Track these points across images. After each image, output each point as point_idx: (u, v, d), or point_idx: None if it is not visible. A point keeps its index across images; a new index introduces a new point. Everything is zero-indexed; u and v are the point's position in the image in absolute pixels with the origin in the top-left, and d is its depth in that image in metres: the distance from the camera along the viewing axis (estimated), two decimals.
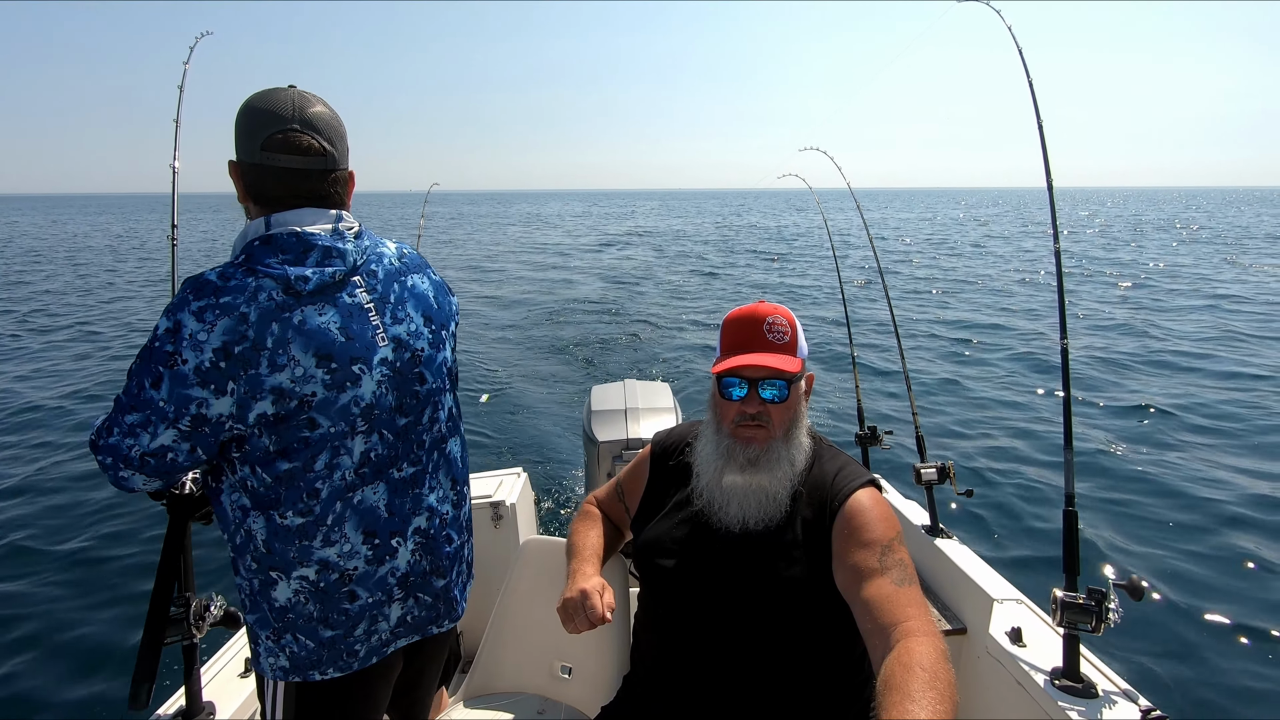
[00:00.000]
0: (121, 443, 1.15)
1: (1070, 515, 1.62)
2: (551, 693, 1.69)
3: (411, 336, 1.31)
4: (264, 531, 1.21)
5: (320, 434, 1.19)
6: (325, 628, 1.25)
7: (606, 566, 1.52)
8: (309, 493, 1.20)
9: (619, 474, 1.60)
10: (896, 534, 1.19)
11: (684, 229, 40.78)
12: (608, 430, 2.90)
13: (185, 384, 1.11)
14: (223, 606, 1.59)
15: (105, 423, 1.18)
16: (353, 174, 1.31)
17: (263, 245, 1.18)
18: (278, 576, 1.23)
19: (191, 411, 1.12)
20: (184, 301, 1.12)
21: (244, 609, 1.29)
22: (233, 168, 1.25)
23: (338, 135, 1.26)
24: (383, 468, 1.28)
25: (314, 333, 1.17)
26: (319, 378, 1.17)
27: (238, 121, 1.22)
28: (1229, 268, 19.09)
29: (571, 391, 7.97)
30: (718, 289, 16.56)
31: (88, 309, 13.95)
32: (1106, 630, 1.52)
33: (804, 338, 1.35)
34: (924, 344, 10.19)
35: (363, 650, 1.30)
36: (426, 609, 1.37)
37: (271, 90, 1.23)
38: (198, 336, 1.10)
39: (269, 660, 1.27)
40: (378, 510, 1.27)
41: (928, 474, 2.24)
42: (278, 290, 1.15)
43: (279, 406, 1.15)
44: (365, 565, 1.26)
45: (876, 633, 1.07)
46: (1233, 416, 6.64)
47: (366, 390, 1.23)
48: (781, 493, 1.27)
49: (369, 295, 1.26)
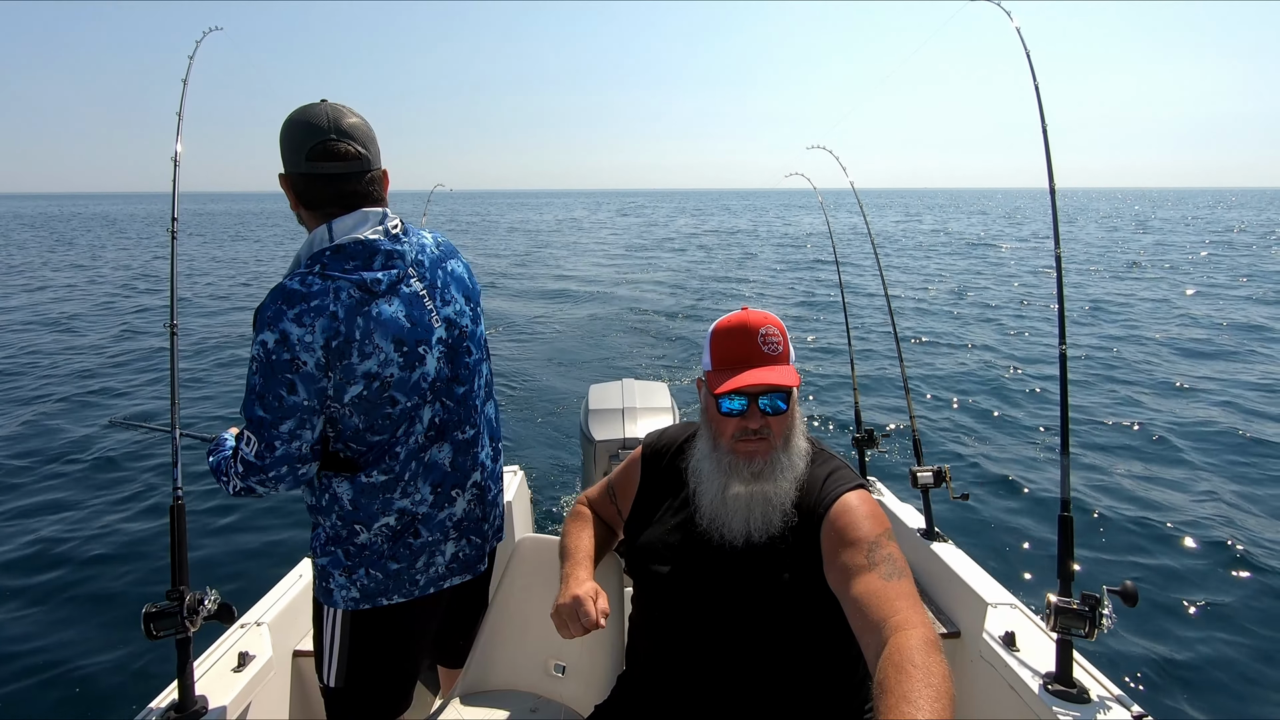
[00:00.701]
0: (289, 448, 1.34)
1: (1065, 520, 1.62)
2: (545, 691, 1.69)
3: (458, 315, 1.51)
4: (350, 491, 1.42)
5: (400, 409, 1.41)
6: (393, 562, 1.47)
7: (600, 566, 1.52)
8: (389, 455, 1.42)
9: (610, 474, 1.60)
10: (885, 530, 1.19)
11: (690, 230, 40.77)
12: (605, 429, 2.90)
13: (315, 381, 1.31)
14: (216, 600, 1.58)
15: (257, 447, 1.33)
16: (386, 172, 1.47)
17: (334, 255, 1.35)
18: (360, 529, 1.44)
19: (325, 397, 1.34)
20: (280, 314, 1.28)
21: (317, 555, 1.48)
22: (283, 180, 1.42)
23: (370, 139, 1.42)
24: (446, 430, 1.50)
25: (388, 322, 1.36)
26: (395, 360, 1.37)
27: (282, 138, 1.38)
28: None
29: (569, 390, 7.97)
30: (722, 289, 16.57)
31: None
32: (1100, 635, 1.52)
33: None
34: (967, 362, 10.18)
35: (422, 580, 1.52)
36: (475, 549, 1.61)
37: (308, 106, 1.39)
38: (305, 339, 1.28)
39: (342, 593, 1.47)
40: (444, 466, 1.50)
41: (924, 477, 2.24)
42: (353, 289, 1.33)
43: (367, 388, 1.35)
44: (428, 509, 1.49)
45: (868, 630, 1.06)
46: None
47: (430, 366, 1.44)
48: (784, 500, 1.26)
49: (421, 284, 1.45)
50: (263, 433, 1.32)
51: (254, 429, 1.33)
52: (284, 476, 1.36)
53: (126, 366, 8.99)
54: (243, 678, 1.70)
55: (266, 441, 1.33)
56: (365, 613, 1.49)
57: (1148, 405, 7.25)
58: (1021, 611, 1.90)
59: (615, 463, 2.82)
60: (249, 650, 1.78)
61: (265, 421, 1.32)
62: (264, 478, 1.35)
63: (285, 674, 1.99)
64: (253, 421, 1.33)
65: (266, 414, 1.31)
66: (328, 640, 1.52)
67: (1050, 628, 1.58)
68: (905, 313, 12.98)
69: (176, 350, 1.74)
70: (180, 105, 1.84)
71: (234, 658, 1.75)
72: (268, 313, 1.30)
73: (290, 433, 1.32)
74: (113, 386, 8.00)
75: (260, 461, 1.34)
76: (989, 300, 14.52)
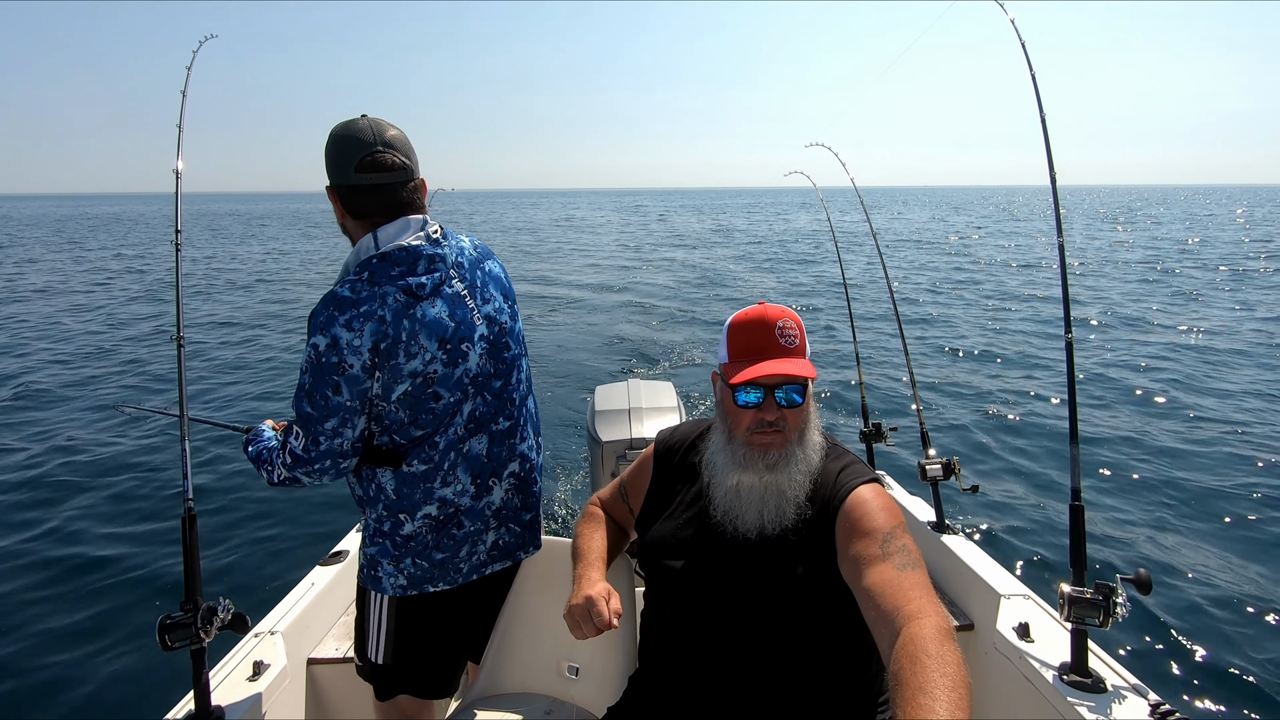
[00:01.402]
0: (333, 444, 1.43)
1: (1077, 510, 1.61)
2: (559, 693, 1.69)
3: (497, 313, 1.59)
4: (392, 481, 1.50)
5: (443, 404, 1.48)
6: (438, 551, 1.54)
7: (612, 567, 1.52)
8: (429, 445, 1.49)
9: (622, 474, 1.60)
10: (899, 523, 1.18)
11: (690, 228, 40.72)
12: (612, 430, 2.90)
13: (359, 383, 1.39)
14: (230, 610, 1.59)
15: (304, 441, 1.43)
16: (424, 180, 1.55)
17: (380, 262, 1.42)
18: (405, 519, 1.51)
19: (368, 398, 1.41)
20: (332, 319, 1.37)
21: (366, 545, 1.57)
22: (330, 192, 1.50)
23: (410, 150, 1.50)
24: (484, 422, 1.57)
25: (433, 324, 1.44)
26: (439, 358, 1.45)
27: (328, 152, 1.46)
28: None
29: (575, 392, 7.97)
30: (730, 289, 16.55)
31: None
32: (1114, 625, 1.51)
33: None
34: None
35: (465, 568, 1.59)
36: (516, 537, 1.66)
37: (351, 121, 1.46)
38: (353, 343, 1.36)
39: (390, 581, 1.55)
40: (481, 457, 1.56)
41: (933, 470, 2.24)
42: (399, 294, 1.41)
43: (413, 385, 1.43)
44: (470, 501, 1.56)
45: (881, 620, 1.05)
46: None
47: (473, 363, 1.51)
48: (799, 493, 1.26)
49: (462, 284, 1.53)
50: (310, 428, 1.42)
51: (302, 424, 1.43)
52: (328, 469, 1.46)
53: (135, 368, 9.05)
54: (258, 686, 1.71)
55: (312, 436, 1.42)
56: (411, 599, 1.57)
57: (1161, 393, 7.21)
58: (1035, 602, 1.89)
59: (623, 463, 2.82)
60: (264, 659, 1.78)
61: (312, 418, 1.41)
62: (310, 469, 1.46)
63: (300, 682, 2.00)
64: (301, 417, 1.43)
65: (314, 411, 1.40)
66: (373, 623, 1.61)
67: (1064, 618, 1.57)
68: (905, 310, 12.94)
69: (184, 361, 1.75)
70: (180, 117, 1.84)
71: (249, 667, 1.76)
72: (320, 318, 1.38)
73: (334, 430, 1.42)
74: (132, 384, 8.06)
75: (306, 455, 1.44)
76: (991, 292, 14.47)
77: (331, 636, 2.18)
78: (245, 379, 8.89)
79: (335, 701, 2.10)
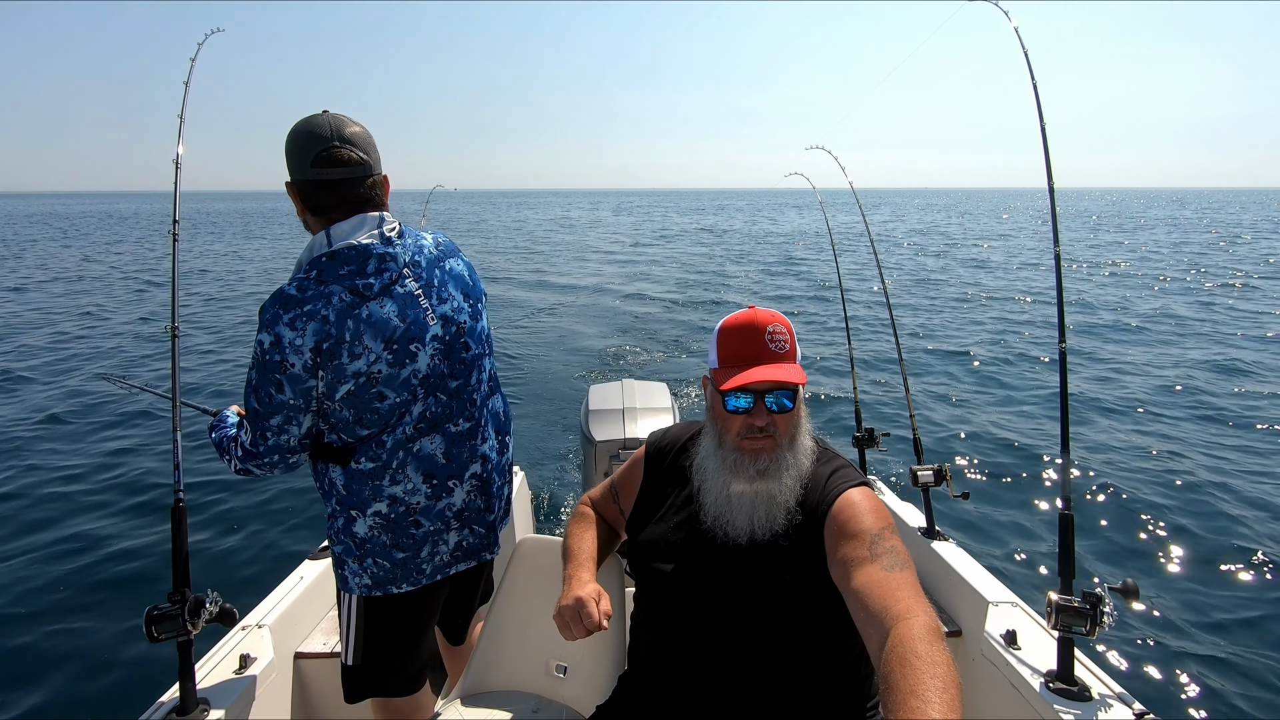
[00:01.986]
0: (279, 440, 1.45)
1: (1066, 519, 1.62)
2: (547, 691, 1.69)
3: (455, 312, 1.57)
4: (342, 477, 1.52)
5: (388, 404, 1.48)
6: (397, 551, 1.56)
7: (603, 567, 1.52)
8: (376, 444, 1.50)
9: (613, 474, 1.60)
10: (887, 524, 1.18)
11: (687, 228, 40.76)
12: (605, 430, 2.90)
13: (301, 381, 1.40)
14: (218, 602, 1.59)
15: (251, 437, 1.45)
16: (387, 177, 1.54)
17: (330, 260, 1.42)
18: (356, 515, 1.53)
19: (312, 397, 1.42)
20: (276, 317, 1.37)
21: (333, 543, 1.59)
22: (289, 188, 1.50)
23: (370, 146, 1.49)
24: (438, 423, 1.56)
25: (379, 323, 1.43)
26: (384, 359, 1.44)
27: (288, 147, 1.46)
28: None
29: (569, 391, 7.97)
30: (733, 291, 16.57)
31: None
32: (1101, 633, 1.53)
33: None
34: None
35: (428, 569, 1.60)
36: (479, 538, 1.68)
37: (311, 116, 1.46)
38: (295, 342, 1.37)
39: (355, 580, 1.57)
40: (435, 458, 1.56)
41: (924, 476, 2.24)
42: (345, 293, 1.40)
43: (357, 385, 1.43)
44: (425, 500, 1.56)
45: (869, 620, 1.04)
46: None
47: (422, 364, 1.50)
48: (789, 498, 1.26)
49: (416, 284, 1.51)
50: (256, 423, 1.44)
51: (250, 419, 1.45)
52: (276, 464, 1.49)
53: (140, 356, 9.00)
54: (244, 680, 1.70)
55: (260, 431, 1.45)
56: (377, 599, 1.59)
57: (1149, 401, 7.25)
58: (1023, 610, 1.90)
59: (616, 463, 2.82)
60: (250, 652, 1.78)
61: (259, 413, 1.43)
62: (259, 463, 1.48)
63: (287, 676, 1.99)
64: (249, 411, 1.45)
65: (259, 407, 1.42)
66: (344, 622, 1.64)
67: (1051, 626, 1.58)
68: (900, 310, 12.98)
69: (178, 352, 1.74)
70: (182, 108, 1.84)
71: (235, 660, 1.75)
72: (266, 315, 1.39)
73: (279, 426, 1.44)
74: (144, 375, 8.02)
75: (255, 449, 1.47)
76: (986, 298, 14.52)
77: (319, 631, 2.18)
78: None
79: (322, 695, 2.10)
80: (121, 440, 6.23)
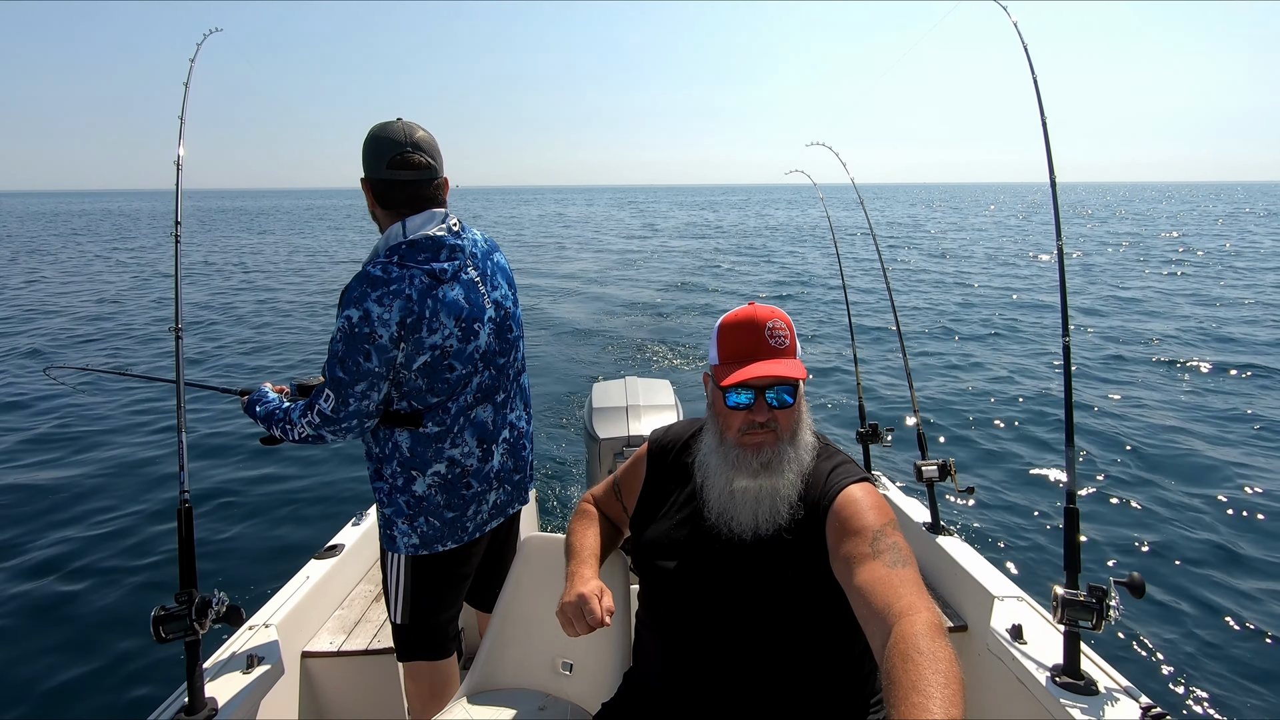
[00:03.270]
0: (360, 405, 1.59)
1: (1071, 512, 1.62)
2: (553, 689, 1.70)
3: (503, 299, 1.79)
4: (409, 440, 1.68)
5: (456, 374, 1.67)
6: (448, 510, 1.73)
7: (606, 563, 1.52)
8: (442, 410, 1.68)
9: (616, 472, 1.60)
10: (889, 521, 1.18)
11: (687, 223, 40.69)
12: (609, 427, 2.90)
13: (386, 351, 1.56)
14: (225, 602, 1.59)
15: (334, 403, 1.59)
16: (447, 179, 1.73)
17: (409, 248, 1.61)
18: (416, 475, 1.69)
19: (393, 366, 1.58)
20: (364, 294, 1.54)
21: (383, 505, 1.74)
22: (364, 184, 1.68)
23: (436, 151, 1.68)
24: (490, 394, 1.76)
25: (452, 304, 1.63)
26: (455, 334, 1.64)
27: (366, 148, 1.63)
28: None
29: (572, 388, 7.97)
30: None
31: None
32: (1107, 627, 1.52)
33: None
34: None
35: (471, 526, 1.78)
36: (509, 495, 1.88)
37: (387, 123, 1.64)
38: (383, 316, 1.54)
39: (405, 540, 1.72)
40: (487, 424, 1.76)
41: (929, 471, 2.24)
42: (424, 276, 1.59)
43: (433, 357, 1.61)
44: (477, 463, 1.75)
45: (872, 617, 1.04)
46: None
47: (483, 341, 1.71)
48: (791, 494, 1.26)
49: (476, 272, 1.72)
50: (340, 391, 1.58)
51: (333, 387, 1.58)
52: (354, 428, 1.62)
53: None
54: (251, 679, 1.71)
55: (342, 398, 1.58)
56: (424, 558, 1.75)
57: (1154, 394, 7.23)
58: (1028, 604, 1.90)
59: (620, 460, 2.82)
60: (258, 652, 1.78)
61: (344, 381, 1.57)
62: (337, 428, 1.61)
63: (294, 675, 2.00)
64: (333, 380, 1.58)
65: (345, 375, 1.56)
66: (392, 583, 1.78)
67: (1057, 620, 1.58)
68: (903, 308, 12.96)
69: (181, 353, 1.75)
70: (182, 109, 1.83)
71: (243, 659, 1.76)
72: (354, 293, 1.55)
73: (363, 393, 1.58)
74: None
75: (335, 415, 1.60)
76: (985, 293, 14.49)
77: (326, 630, 2.18)
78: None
79: (329, 695, 2.10)
80: (130, 437, 6.25)
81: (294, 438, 1.67)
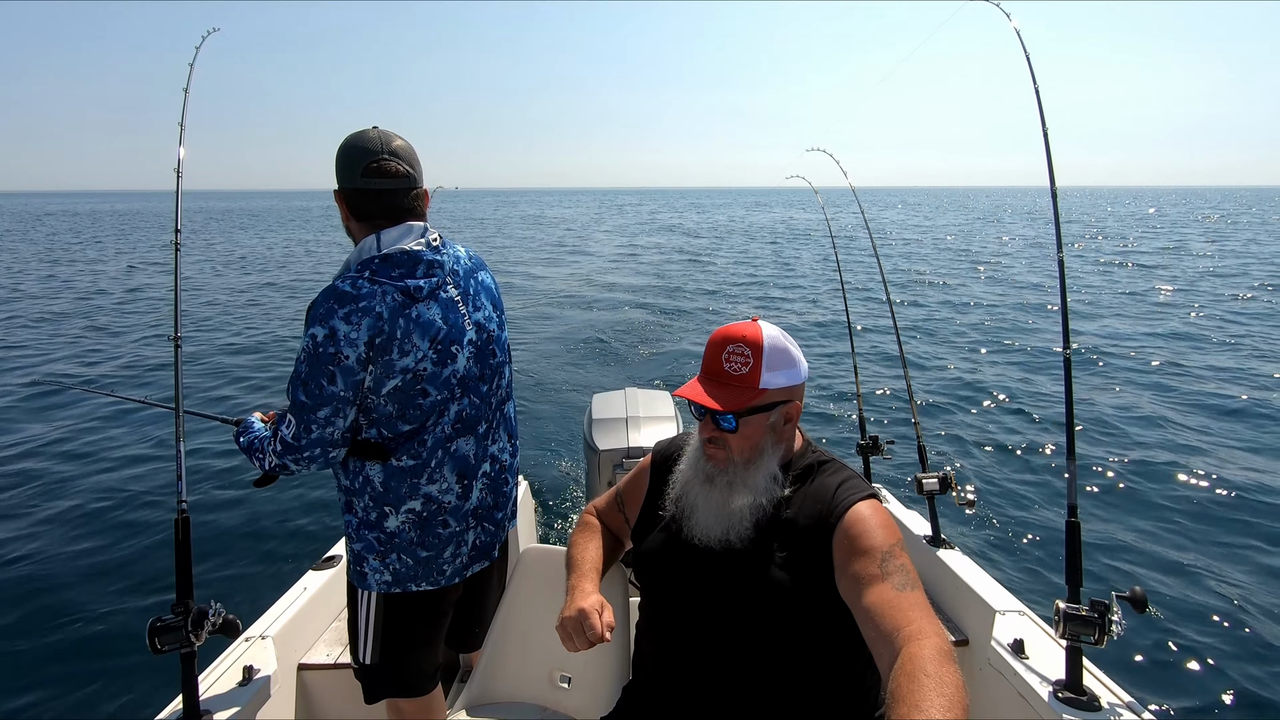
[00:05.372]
0: (324, 433, 1.47)
1: (1073, 526, 1.61)
2: (551, 702, 1.68)
3: (486, 321, 1.66)
4: (381, 474, 1.55)
5: (430, 401, 1.53)
6: (422, 549, 1.59)
7: (607, 576, 1.51)
8: (418, 442, 1.54)
9: (619, 483, 1.60)
10: (897, 541, 1.18)
11: (689, 228, 40.76)
12: (609, 439, 2.90)
13: (353, 374, 1.44)
14: (221, 614, 1.58)
15: (295, 429, 1.47)
16: (428, 191, 1.62)
17: (382, 262, 1.49)
18: (389, 510, 1.56)
19: (360, 390, 1.46)
20: (331, 311, 1.42)
21: (352, 540, 1.61)
22: (338, 195, 1.56)
23: (415, 160, 1.57)
24: (471, 425, 1.63)
25: (427, 324, 1.50)
26: (430, 357, 1.51)
27: (339, 158, 1.53)
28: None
29: (572, 400, 7.96)
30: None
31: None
32: (1109, 642, 1.51)
33: (786, 364, 1.28)
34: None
35: (449, 570, 1.64)
36: (489, 535, 1.72)
37: (362, 131, 1.54)
38: (350, 335, 1.42)
39: (376, 577, 1.59)
40: (468, 458, 1.62)
41: (929, 484, 2.24)
42: (397, 293, 1.47)
43: (404, 380, 1.48)
44: (456, 500, 1.61)
45: (880, 640, 1.06)
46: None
47: (460, 364, 1.57)
48: (743, 514, 1.27)
49: (456, 290, 1.59)
50: (302, 416, 1.46)
51: (295, 412, 1.47)
52: (316, 457, 1.50)
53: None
54: (248, 692, 1.70)
55: (304, 424, 1.47)
56: (396, 596, 1.61)
57: (1156, 408, 7.22)
58: (1030, 619, 1.89)
59: (620, 472, 2.82)
60: (254, 664, 1.77)
61: (306, 406, 1.46)
62: (299, 457, 1.50)
63: (290, 688, 1.98)
64: (295, 404, 1.47)
65: (308, 399, 1.45)
66: (362, 621, 1.65)
67: (1059, 635, 1.57)
68: (902, 313, 12.97)
69: (180, 363, 1.75)
70: (182, 114, 1.83)
71: (239, 671, 1.75)
72: (320, 310, 1.43)
73: (326, 419, 1.46)
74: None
75: (297, 442, 1.48)
76: (984, 299, 14.51)
77: (323, 642, 2.17)
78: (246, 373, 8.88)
79: (326, 707, 2.09)
80: (127, 448, 6.23)
81: (266, 467, 1.56)
